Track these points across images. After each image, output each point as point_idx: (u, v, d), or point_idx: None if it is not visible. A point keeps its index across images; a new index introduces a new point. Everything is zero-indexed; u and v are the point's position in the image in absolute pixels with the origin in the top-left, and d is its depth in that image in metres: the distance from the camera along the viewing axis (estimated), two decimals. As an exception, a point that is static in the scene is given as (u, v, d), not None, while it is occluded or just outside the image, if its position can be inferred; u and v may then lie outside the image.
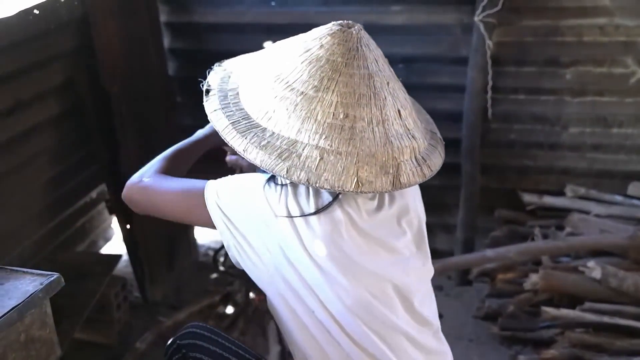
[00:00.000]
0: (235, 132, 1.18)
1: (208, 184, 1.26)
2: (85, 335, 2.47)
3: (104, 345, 2.53)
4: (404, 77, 1.29)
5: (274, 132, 1.16)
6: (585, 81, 2.86)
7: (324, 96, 1.15)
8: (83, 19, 2.43)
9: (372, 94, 1.17)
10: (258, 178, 1.23)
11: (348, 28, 1.21)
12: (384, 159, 1.15)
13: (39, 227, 2.48)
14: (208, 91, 1.29)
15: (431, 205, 1.40)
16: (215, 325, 2.33)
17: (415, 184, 1.20)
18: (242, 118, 1.20)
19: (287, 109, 1.16)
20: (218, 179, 1.28)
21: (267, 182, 1.21)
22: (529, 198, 2.98)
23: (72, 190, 2.68)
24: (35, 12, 2.24)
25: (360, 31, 1.21)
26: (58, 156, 2.52)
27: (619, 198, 2.92)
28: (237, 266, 1.27)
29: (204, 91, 1.29)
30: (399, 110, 1.20)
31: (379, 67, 1.21)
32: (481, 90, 2.83)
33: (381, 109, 1.17)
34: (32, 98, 2.29)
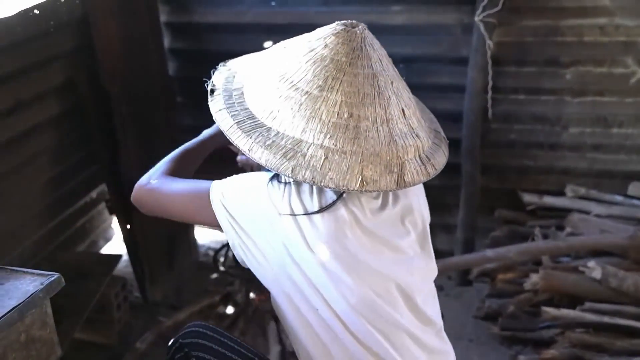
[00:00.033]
0: (240, 132, 1.18)
1: (213, 184, 1.27)
2: (85, 335, 2.47)
3: (104, 345, 2.52)
4: (404, 77, 1.30)
5: (278, 132, 1.16)
6: (586, 81, 2.87)
7: (329, 95, 1.15)
8: (83, 19, 2.42)
9: (376, 93, 1.17)
10: (262, 176, 1.24)
11: (352, 28, 1.22)
12: (389, 157, 1.15)
13: (39, 227, 2.47)
14: (213, 91, 1.29)
15: (431, 205, 1.40)
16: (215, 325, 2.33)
17: (419, 183, 1.20)
18: (247, 117, 1.20)
19: (292, 109, 1.16)
20: (223, 179, 1.28)
21: (271, 180, 1.21)
22: (529, 198, 2.98)
23: (72, 190, 2.68)
24: (35, 12, 2.23)
25: (364, 31, 1.22)
26: (58, 156, 2.51)
27: (619, 198, 2.93)
28: (243, 265, 1.28)
29: (208, 91, 1.30)
30: (403, 110, 1.21)
31: (383, 67, 1.21)
32: (481, 90, 2.82)
33: (385, 108, 1.17)
34: (32, 98, 2.29)
